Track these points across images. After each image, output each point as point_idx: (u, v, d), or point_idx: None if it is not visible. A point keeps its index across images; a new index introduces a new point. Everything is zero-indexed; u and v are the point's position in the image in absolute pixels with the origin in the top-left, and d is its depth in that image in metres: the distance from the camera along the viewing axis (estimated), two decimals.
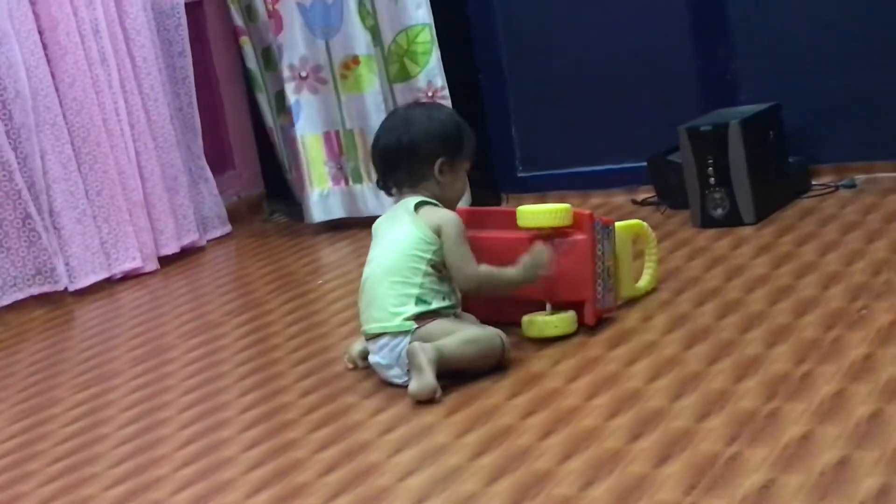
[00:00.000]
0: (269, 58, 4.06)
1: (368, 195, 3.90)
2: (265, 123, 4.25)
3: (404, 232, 2.39)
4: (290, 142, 4.00)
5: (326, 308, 3.06)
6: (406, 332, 2.32)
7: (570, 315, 2.45)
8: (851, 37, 3.35)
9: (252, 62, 4.19)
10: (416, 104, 2.57)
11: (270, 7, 3.89)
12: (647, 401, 2.05)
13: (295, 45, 3.87)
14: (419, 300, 2.35)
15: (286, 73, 3.87)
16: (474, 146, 2.52)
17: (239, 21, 4.14)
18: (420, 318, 2.33)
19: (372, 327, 2.37)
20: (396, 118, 2.53)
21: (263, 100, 4.22)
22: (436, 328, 2.32)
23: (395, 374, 2.34)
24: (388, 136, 2.47)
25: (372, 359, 2.39)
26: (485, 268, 2.40)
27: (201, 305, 3.31)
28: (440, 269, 2.38)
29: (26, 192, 3.44)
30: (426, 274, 2.36)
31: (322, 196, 3.92)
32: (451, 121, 2.50)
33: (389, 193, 2.52)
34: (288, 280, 3.42)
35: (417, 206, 2.41)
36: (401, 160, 2.44)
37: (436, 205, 2.42)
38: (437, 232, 2.37)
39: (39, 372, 2.92)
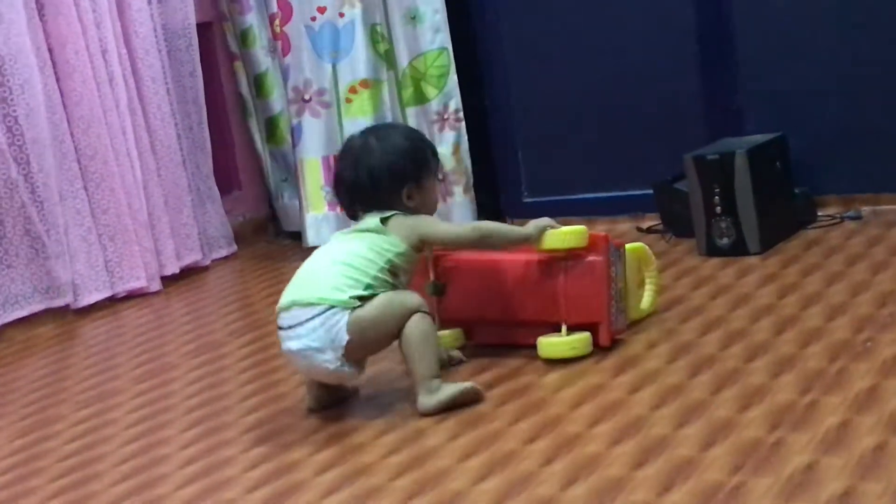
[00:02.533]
0: (261, 84, 4.07)
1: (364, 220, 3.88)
2: (256, 149, 4.28)
3: (365, 238, 2.34)
4: (293, 167, 3.98)
5: None
6: (348, 308, 2.24)
7: (585, 336, 2.46)
8: (858, 68, 3.36)
9: (244, 88, 4.21)
10: (370, 131, 2.50)
11: (278, 29, 3.91)
12: (650, 428, 2.04)
13: (300, 67, 3.87)
14: (368, 286, 2.28)
15: (290, 94, 3.87)
16: (437, 157, 2.49)
17: (234, 46, 4.16)
18: (363, 300, 2.27)
19: (303, 297, 2.27)
20: (353, 151, 2.43)
21: (254, 126, 4.24)
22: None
23: (326, 359, 2.26)
24: (349, 171, 2.41)
25: (293, 346, 2.28)
26: (484, 223, 2.48)
27: (204, 325, 3.31)
28: (398, 274, 2.33)
29: (33, 209, 3.45)
30: (381, 270, 2.30)
31: (317, 220, 3.90)
32: (408, 144, 2.44)
33: (356, 219, 2.45)
34: None
35: (385, 219, 2.36)
36: (366, 195, 2.40)
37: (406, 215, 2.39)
38: (417, 238, 2.36)
39: (42, 388, 2.91)
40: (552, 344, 2.46)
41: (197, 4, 4.01)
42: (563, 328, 2.47)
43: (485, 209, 3.90)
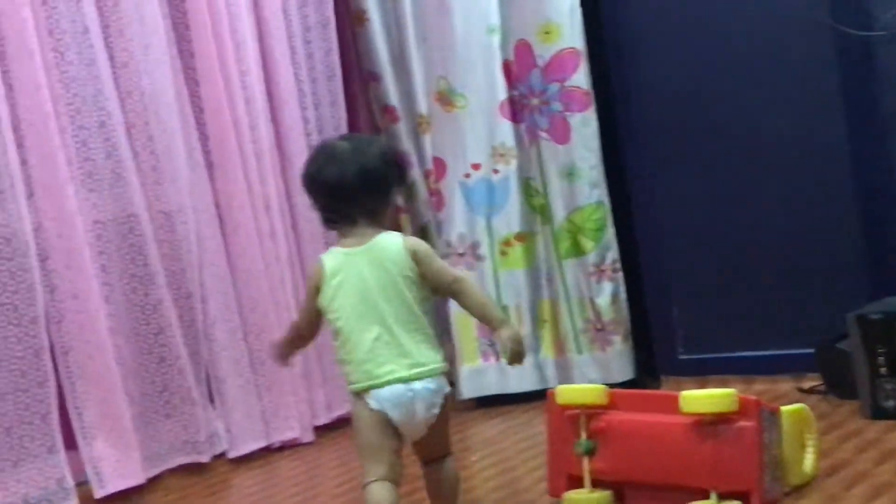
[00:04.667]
0: (425, 235, 4.15)
1: (521, 371, 3.87)
2: None
3: (407, 276, 2.41)
4: (442, 317, 4.01)
5: (481, 485, 3.03)
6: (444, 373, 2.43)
7: None
8: None
9: None
10: (341, 138, 2.69)
11: (432, 185, 4.00)
12: None
13: (454, 222, 3.94)
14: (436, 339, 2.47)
15: (444, 249, 3.93)
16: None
17: (399, 201, 4.26)
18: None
19: (420, 373, 2.38)
20: (343, 149, 2.47)
21: None
22: None
23: (437, 399, 2.40)
24: (343, 166, 2.42)
25: (417, 385, 2.37)
26: (468, 281, 2.50)
27: (355, 478, 3.30)
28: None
29: (192, 361, 3.54)
30: (428, 313, 2.46)
31: (472, 372, 3.92)
32: (389, 150, 2.61)
33: (333, 227, 2.49)
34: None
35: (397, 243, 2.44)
36: (363, 191, 2.42)
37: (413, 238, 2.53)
38: (421, 264, 2.43)
39: None
40: None
41: None
42: (713, 496, 2.39)
43: (639, 365, 3.84)
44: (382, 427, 2.37)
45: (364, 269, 2.41)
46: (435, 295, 2.50)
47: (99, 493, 3.28)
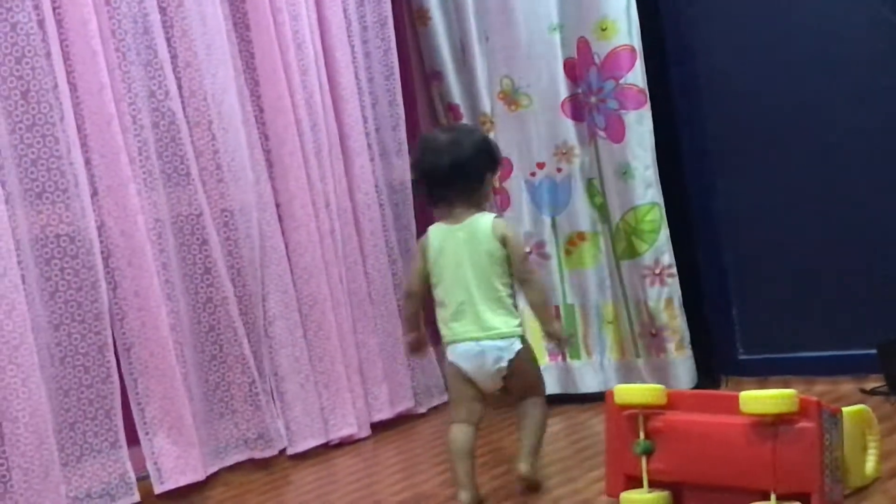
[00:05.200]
0: None
1: (585, 372, 3.88)
2: None
3: (489, 257, 2.85)
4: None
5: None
6: (519, 335, 2.87)
7: None
8: None
9: None
10: (446, 129, 3.25)
11: (498, 184, 4.00)
12: None
13: (521, 221, 3.94)
14: (516, 307, 2.90)
15: None
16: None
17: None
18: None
19: (492, 334, 2.83)
20: (441, 141, 2.91)
21: None
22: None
23: (504, 354, 2.84)
24: (439, 156, 2.86)
25: (486, 344, 2.82)
26: (538, 279, 3.04)
27: (414, 475, 3.32)
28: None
29: (253, 358, 3.58)
30: (510, 286, 2.88)
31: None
32: (487, 138, 3.03)
33: (435, 206, 2.97)
34: (501, 454, 3.41)
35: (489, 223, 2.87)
36: (457, 178, 2.85)
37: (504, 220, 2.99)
38: (507, 245, 2.86)
39: None
40: None
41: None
42: (773, 497, 2.37)
43: (698, 366, 3.81)
44: (459, 377, 2.87)
45: (459, 243, 2.87)
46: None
47: (159, 489, 3.32)
